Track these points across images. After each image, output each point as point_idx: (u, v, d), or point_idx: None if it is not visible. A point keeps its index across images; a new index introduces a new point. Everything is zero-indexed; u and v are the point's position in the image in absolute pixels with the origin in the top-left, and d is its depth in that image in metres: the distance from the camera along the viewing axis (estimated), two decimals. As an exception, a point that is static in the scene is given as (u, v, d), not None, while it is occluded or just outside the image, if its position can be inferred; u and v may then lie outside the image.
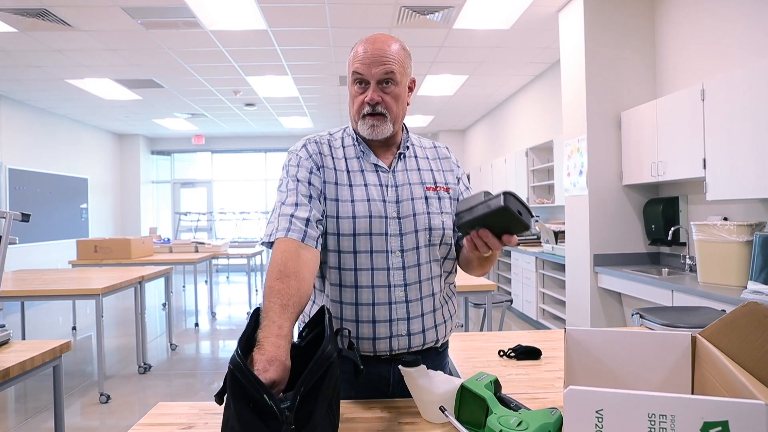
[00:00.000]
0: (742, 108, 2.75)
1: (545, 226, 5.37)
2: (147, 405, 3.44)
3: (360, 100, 1.19)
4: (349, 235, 1.18)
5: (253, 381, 0.76)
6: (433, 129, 10.25)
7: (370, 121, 1.19)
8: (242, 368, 0.78)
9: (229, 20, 4.44)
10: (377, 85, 1.17)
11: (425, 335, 1.22)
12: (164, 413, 1.12)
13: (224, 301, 7.69)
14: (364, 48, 1.17)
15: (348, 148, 1.26)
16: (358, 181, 1.22)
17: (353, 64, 1.18)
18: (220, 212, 11.15)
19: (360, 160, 1.25)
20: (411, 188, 1.23)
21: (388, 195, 1.21)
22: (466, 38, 4.96)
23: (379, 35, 1.19)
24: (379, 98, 1.17)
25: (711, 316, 1.99)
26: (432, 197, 1.25)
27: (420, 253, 1.21)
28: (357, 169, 1.23)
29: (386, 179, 1.23)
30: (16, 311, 5.73)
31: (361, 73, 1.17)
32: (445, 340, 1.31)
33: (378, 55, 1.15)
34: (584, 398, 0.68)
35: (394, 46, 1.18)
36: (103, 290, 3.40)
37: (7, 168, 7.06)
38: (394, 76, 1.17)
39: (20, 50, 5.12)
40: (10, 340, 1.90)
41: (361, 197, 1.19)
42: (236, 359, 0.79)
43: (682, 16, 3.63)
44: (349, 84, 1.22)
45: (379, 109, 1.17)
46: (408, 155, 1.28)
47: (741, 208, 3.16)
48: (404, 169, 1.26)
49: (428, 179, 1.27)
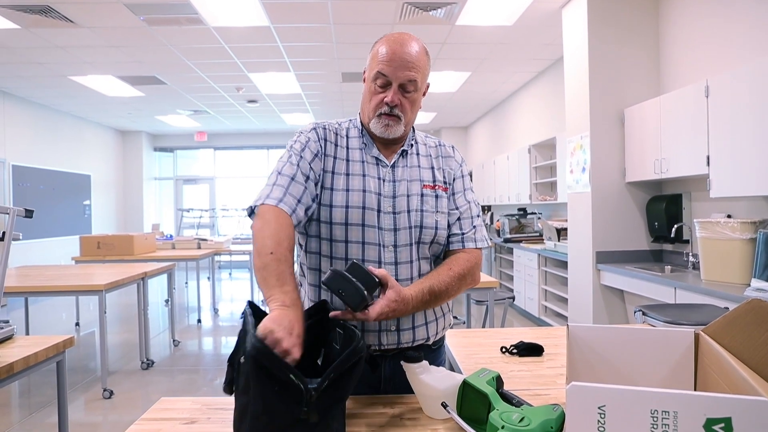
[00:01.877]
0: (747, 105, 2.73)
1: (547, 224, 5.36)
2: (150, 401, 3.46)
3: (379, 99, 1.19)
4: (341, 224, 1.18)
5: (280, 364, 0.80)
6: (435, 126, 10.24)
7: (386, 121, 1.20)
8: (268, 353, 0.80)
9: (232, 17, 4.44)
10: (398, 88, 1.18)
11: (415, 332, 1.23)
12: (167, 408, 1.13)
13: (226, 298, 7.71)
14: (391, 49, 1.17)
15: (352, 139, 1.27)
16: (356, 170, 1.23)
17: (378, 63, 1.18)
18: (222, 209, 11.17)
19: (362, 151, 1.26)
20: (408, 185, 1.24)
21: (384, 189, 1.22)
22: (468, 35, 4.94)
23: (405, 36, 1.20)
24: (398, 101, 1.19)
25: (714, 313, 1.99)
26: (428, 195, 1.25)
27: (412, 249, 1.21)
28: (358, 160, 1.24)
29: (385, 173, 1.24)
30: (19, 307, 5.75)
31: (386, 75, 1.17)
32: (438, 338, 1.30)
33: (404, 59, 1.16)
34: (587, 394, 0.68)
35: (419, 51, 1.19)
36: (106, 286, 3.41)
37: (11, 164, 7.08)
38: (416, 84, 1.19)
39: (23, 47, 5.13)
40: (14, 335, 1.91)
41: (357, 187, 1.20)
42: (259, 345, 0.80)
43: (686, 13, 3.61)
44: (369, 80, 1.22)
45: (396, 111, 1.19)
46: (410, 153, 1.29)
47: (745, 206, 3.15)
48: (404, 165, 1.26)
49: (427, 177, 1.27)
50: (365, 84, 1.24)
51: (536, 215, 6.55)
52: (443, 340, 1.38)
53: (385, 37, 1.22)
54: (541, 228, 6.02)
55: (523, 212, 6.79)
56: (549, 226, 5.27)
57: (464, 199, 1.30)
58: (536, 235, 6.26)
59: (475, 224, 1.29)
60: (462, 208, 1.29)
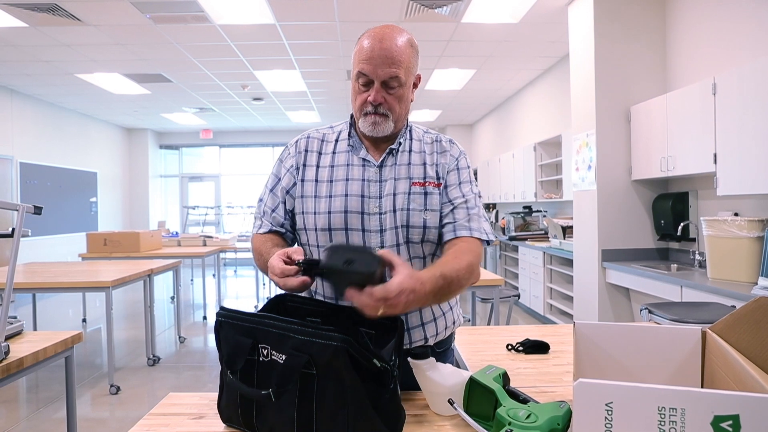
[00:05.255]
0: (754, 102, 2.71)
1: (553, 221, 5.35)
2: (156, 396, 3.48)
3: (363, 98, 1.17)
4: (325, 230, 1.19)
5: (369, 352, 0.87)
6: (440, 123, 10.22)
7: (372, 119, 1.17)
8: (358, 345, 0.86)
9: (237, 14, 4.45)
10: (381, 86, 1.15)
11: (411, 334, 1.22)
12: (175, 403, 1.14)
13: (232, 295, 7.74)
14: (370, 45, 1.13)
15: (341, 143, 1.26)
16: (340, 176, 1.22)
17: (358, 62, 1.15)
18: (227, 206, 11.20)
19: (349, 154, 1.24)
20: (395, 183, 1.20)
21: (370, 191, 1.20)
22: (474, 32, 4.93)
23: (386, 30, 1.15)
24: (382, 99, 1.15)
25: (720, 312, 1.98)
26: (416, 193, 1.20)
27: (401, 250, 1.18)
28: (343, 164, 1.23)
29: (371, 174, 1.21)
30: (27, 303, 5.80)
31: (366, 74, 1.14)
32: (439, 340, 1.27)
33: (385, 56, 1.12)
34: (594, 391, 0.68)
35: (401, 44, 1.14)
36: (113, 283, 3.43)
37: (19, 162, 7.12)
38: (399, 80, 1.14)
39: (31, 45, 5.16)
40: (23, 331, 1.93)
41: (340, 192, 1.20)
42: (350, 340, 0.85)
43: (692, 10, 3.59)
44: (353, 79, 1.19)
45: (381, 109, 1.16)
46: (401, 150, 1.24)
47: (752, 204, 3.13)
48: (393, 164, 1.22)
49: (417, 174, 1.22)
50: (351, 83, 1.21)
51: (542, 213, 6.54)
52: (450, 342, 1.35)
53: (366, 32, 1.18)
54: (546, 226, 6.01)
55: (529, 210, 6.77)
56: (554, 224, 5.26)
57: (459, 191, 1.22)
58: (541, 232, 6.24)
59: (470, 213, 1.21)
60: (456, 201, 1.21)
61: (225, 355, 0.96)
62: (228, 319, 0.97)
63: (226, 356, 0.96)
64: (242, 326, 0.95)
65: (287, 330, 0.90)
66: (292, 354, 0.88)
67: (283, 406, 0.90)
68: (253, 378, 0.94)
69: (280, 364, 0.90)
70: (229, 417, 1.00)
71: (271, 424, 0.92)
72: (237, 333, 0.95)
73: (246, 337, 0.94)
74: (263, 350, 0.93)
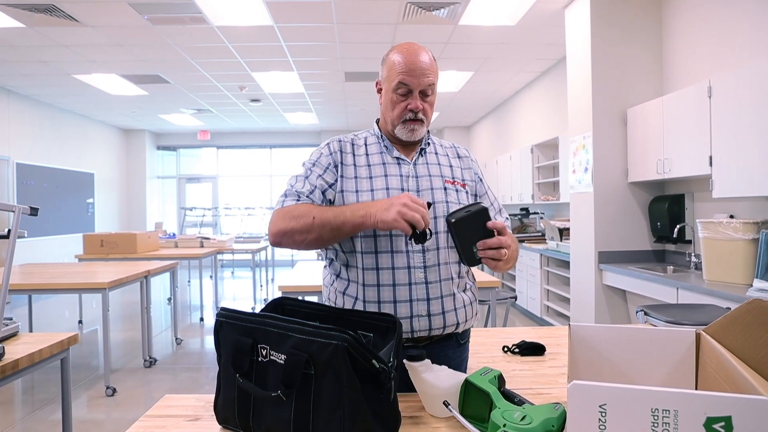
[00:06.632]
0: (750, 105, 2.73)
1: (550, 223, 5.36)
2: (152, 398, 3.47)
3: (402, 106, 1.28)
4: None
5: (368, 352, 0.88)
6: (438, 125, 10.23)
7: (411, 126, 1.29)
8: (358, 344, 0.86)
9: (235, 16, 4.45)
10: (419, 94, 1.28)
11: (445, 317, 1.26)
12: (171, 405, 1.14)
13: (229, 296, 7.73)
14: (408, 59, 1.26)
15: (371, 146, 1.36)
16: (378, 172, 1.30)
17: (398, 74, 1.26)
18: (225, 207, 11.19)
19: (383, 155, 1.34)
20: (431, 179, 1.31)
21: (408, 185, 1.29)
22: (471, 34, 4.94)
23: (414, 46, 1.29)
24: (422, 106, 1.28)
25: (716, 313, 1.99)
26: (451, 189, 1.32)
27: (439, 238, 1.27)
28: (378, 162, 1.32)
29: (407, 170, 1.31)
30: (23, 304, 5.78)
31: (407, 84, 1.26)
32: (466, 328, 1.34)
33: (422, 67, 1.26)
34: (588, 393, 0.69)
35: (431, 58, 1.30)
36: (110, 284, 3.42)
37: (15, 162, 7.10)
38: (434, 87, 1.30)
39: (28, 45, 5.15)
40: (18, 332, 1.92)
41: (381, 186, 1.28)
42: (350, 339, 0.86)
43: (689, 13, 3.61)
44: (389, 90, 1.30)
45: (420, 116, 1.29)
46: (429, 151, 1.37)
47: (747, 206, 3.14)
48: (425, 162, 1.34)
49: (447, 174, 1.35)
50: (384, 94, 1.33)
51: (539, 215, 6.55)
52: (468, 335, 1.41)
53: (396, 48, 1.31)
54: (543, 228, 6.02)
55: (526, 212, 6.78)
56: (551, 226, 5.27)
57: (488, 199, 1.42)
58: (538, 234, 6.25)
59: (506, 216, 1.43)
60: (495, 206, 1.42)
61: (229, 356, 0.97)
62: (229, 319, 0.98)
63: (230, 358, 0.96)
64: (243, 326, 0.96)
65: (288, 329, 0.90)
66: (292, 353, 0.89)
67: (280, 407, 0.90)
68: (251, 378, 0.95)
69: (280, 364, 0.90)
70: (225, 418, 1.01)
71: (268, 425, 0.93)
72: (237, 333, 0.96)
73: (246, 337, 0.95)
74: (262, 350, 0.93)
